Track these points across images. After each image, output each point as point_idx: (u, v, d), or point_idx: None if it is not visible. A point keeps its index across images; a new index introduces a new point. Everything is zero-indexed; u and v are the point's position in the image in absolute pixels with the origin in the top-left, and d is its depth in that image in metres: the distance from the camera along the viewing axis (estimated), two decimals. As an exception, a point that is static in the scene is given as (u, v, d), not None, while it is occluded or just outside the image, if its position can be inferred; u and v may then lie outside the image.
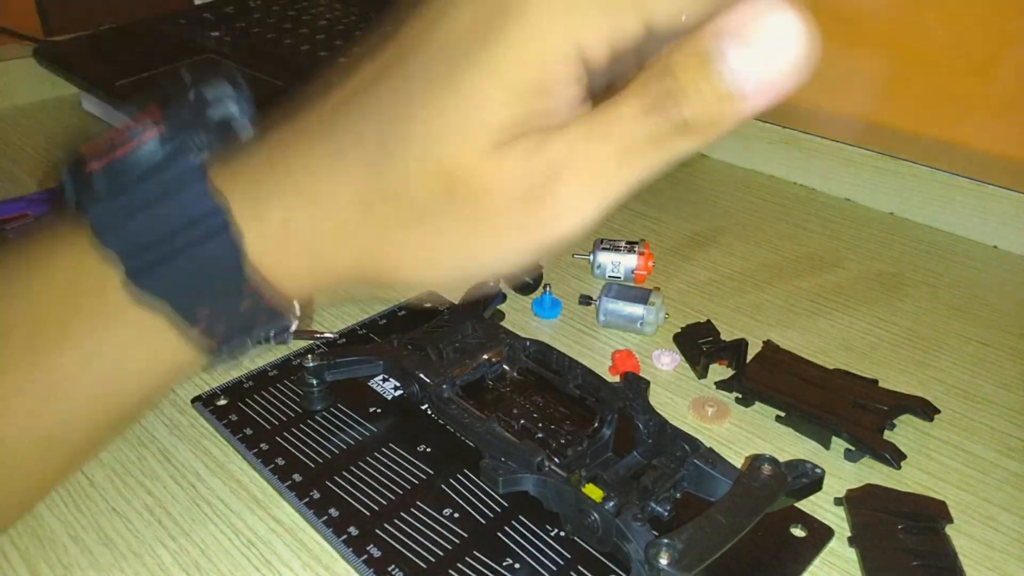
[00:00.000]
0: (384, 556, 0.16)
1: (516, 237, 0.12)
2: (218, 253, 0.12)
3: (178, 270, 0.12)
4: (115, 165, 0.13)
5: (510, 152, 0.11)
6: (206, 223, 0.12)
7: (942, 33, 0.33)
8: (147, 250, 0.12)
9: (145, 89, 0.33)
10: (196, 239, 0.12)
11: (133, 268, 0.12)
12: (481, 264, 0.12)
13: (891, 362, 0.23)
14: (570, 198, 0.11)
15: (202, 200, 0.12)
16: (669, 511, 0.16)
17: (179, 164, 0.13)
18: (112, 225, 0.12)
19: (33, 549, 0.16)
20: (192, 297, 0.13)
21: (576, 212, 0.11)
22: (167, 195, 0.12)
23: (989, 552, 0.17)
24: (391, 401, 0.20)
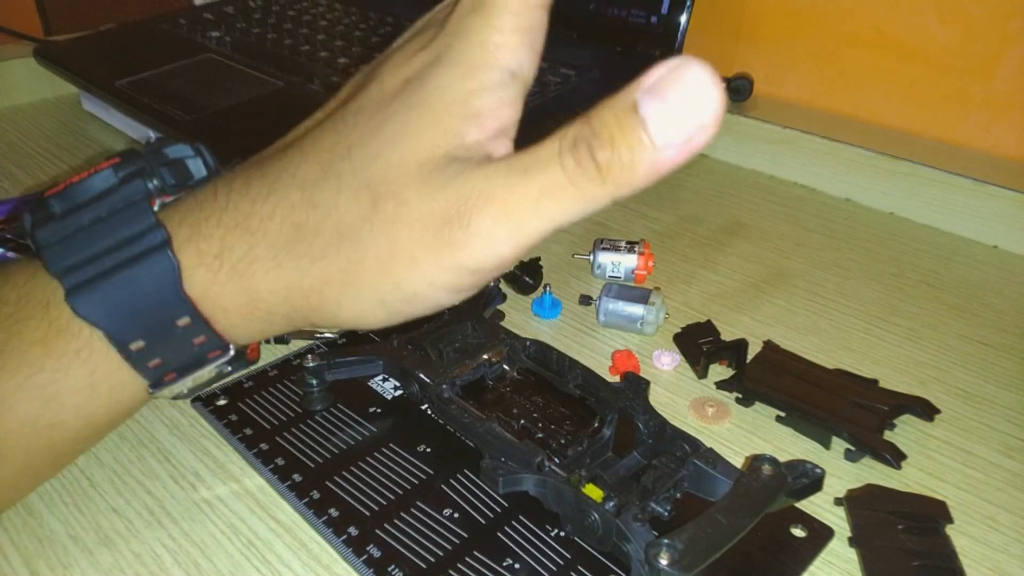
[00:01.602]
0: (384, 556, 0.16)
1: (429, 264, 0.12)
2: (153, 273, 0.13)
3: (115, 286, 0.13)
4: (70, 189, 0.13)
5: (433, 175, 0.12)
6: (144, 242, 0.13)
7: (943, 33, 0.33)
8: (86, 266, 0.13)
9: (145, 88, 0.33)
10: (133, 257, 0.13)
11: (73, 283, 0.13)
12: (399, 292, 0.12)
13: (891, 362, 0.23)
14: (484, 228, 0.12)
15: (143, 220, 0.13)
16: (669, 511, 0.16)
17: (129, 187, 0.13)
18: (58, 242, 0.13)
19: (33, 549, 0.16)
20: (128, 315, 0.13)
21: (489, 242, 0.12)
22: (112, 214, 0.13)
23: (989, 552, 0.17)
24: (391, 401, 0.20)
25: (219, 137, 0.29)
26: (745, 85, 0.36)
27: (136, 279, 0.13)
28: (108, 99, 0.34)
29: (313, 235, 0.13)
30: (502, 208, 0.12)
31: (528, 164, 0.12)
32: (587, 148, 0.11)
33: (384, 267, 0.12)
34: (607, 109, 0.11)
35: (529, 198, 0.11)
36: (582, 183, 0.11)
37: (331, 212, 0.12)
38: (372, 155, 0.12)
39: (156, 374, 0.14)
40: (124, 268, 0.13)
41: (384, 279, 0.12)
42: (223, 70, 0.35)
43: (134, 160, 0.14)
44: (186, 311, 0.13)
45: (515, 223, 0.12)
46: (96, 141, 0.36)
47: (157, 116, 0.31)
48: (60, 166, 0.34)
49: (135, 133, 0.35)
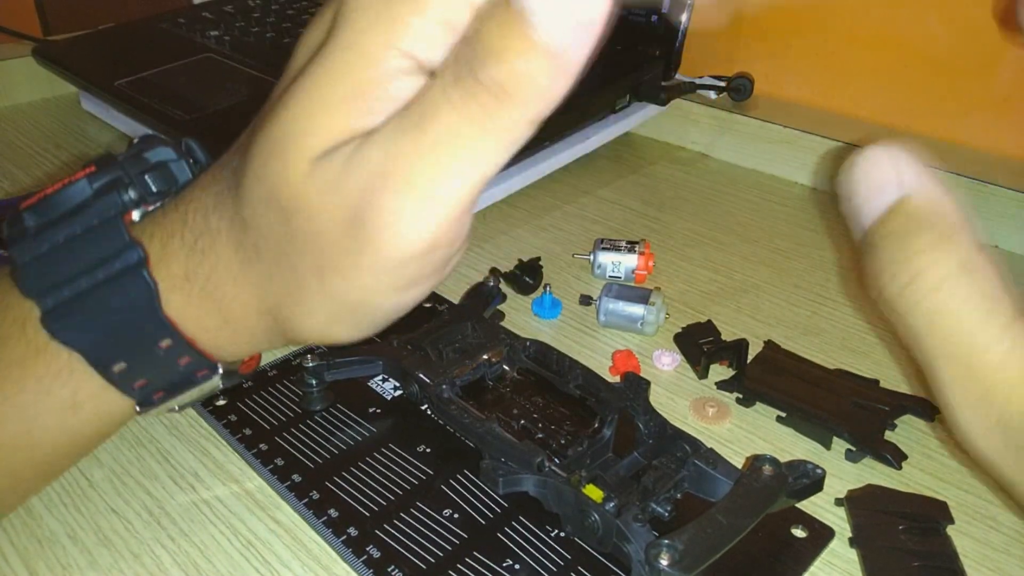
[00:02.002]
0: (384, 557, 0.16)
1: (358, 263, 0.10)
2: (129, 294, 0.12)
3: (91, 309, 0.12)
4: (43, 202, 0.12)
5: (326, 166, 0.10)
6: (118, 262, 0.12)
7: (942, 31, 0.33)
8: (61, 288, 0.12)
9: (144, 88, 0.33)
10: (108, 279, 0.12)
11: (48, 306, 0.12)
12: (348, 300, 0.11)
13: (892, 362, 0.23)
14: (395, 208, 0.10)
15: (117, 238, 0.12)
16: (670, 512, 0.16)
17: (103, 201, 0.12)
18: (32, 261, 0.12)
19: (32, 549, 0.16)
20: (106, 338, 0.12)
21: (404, 226, 0.10)
22: (87, 232, 0.12)
23: (990, 552, 0.17)
24: (391, 401, 0.20)
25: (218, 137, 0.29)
26: (745, 85, 0.36)
27: (113, 301, 0.12)
28: (107, 99, 0.34)
29: (254, 254, 0.11)
30: (404, 179, 0.10)
31: (417, 117, 0.09)
32: (470, 72, 0.09)
33: (321, 277, 0.11)
34: (482, 19, 0.09)
35: (430, 156, 0.09)
36: (482, 116, 0.09)
37: (258, 230, 0.11)
38: (268, 156, 0.11)
39: (143, 393, 0.13)
40: (100, 289, 0.12)
41: (323, 293, 0.11)
42: (222, 69, 0.35)
43: (110, 168, 0.13)
44: (167, 333, 0.12)
45: (423, 192, 0.10)
46: (95, 141, 0.36)
47: (156, 116, 0.31)
48: (59, 166, 0.34)
49: (134, 133, 0.35)
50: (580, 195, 0.32)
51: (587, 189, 0.33)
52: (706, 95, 0.36)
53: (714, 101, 0.36)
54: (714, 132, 0.36)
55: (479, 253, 0.28)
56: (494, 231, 0.29)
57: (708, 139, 0.36)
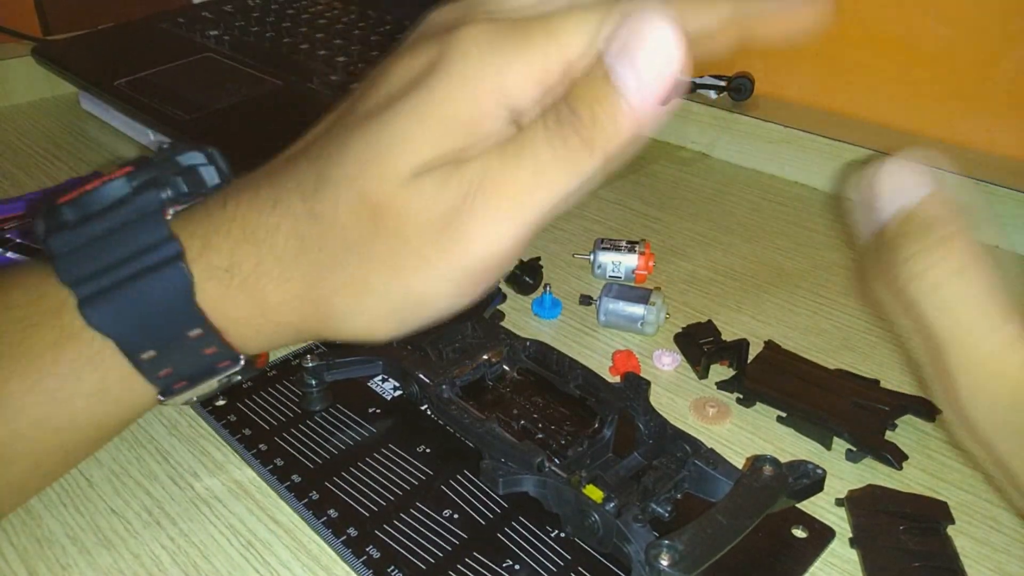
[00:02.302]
0: (383, 557, 0.16)
1: (438, 263, 0.12)
2: (166, 284, 0.13)
3: (127, 298, 0.13)
4: (83, 198, 0.13)
5: (427, 179, 0.12)
6: (158, 254, 0.13)
7: (945, 32, 0.33)
8: (100, 276, 0.13)
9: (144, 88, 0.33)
10: (147, 269, 0.13)
11: (86, 293, 0.13)
12: (410, 297, 0.12)
13: (893, 362, 0.22)
14: (485, 219, 0.12)
15: (157, 231, 0.13)
16: (670, 512, 0.16)
17: (142, 198, 0.13)
18: (72, 251, 0.13)
19: (31, 549, 0.16)
20: (139, 326, 0.13)
21: (492, 233, 0.12)
22: (126, 226, 0.13)
23: (990, 553, 0.17)
24: (390, 401, 0.20)
25: (218, 136, 0.29)
26: (746, 84, 0.36)
27: (149, 291, 0.13)
28: (107, 99, 0.34)
29: (318, 248, 0.13)
30: (501, 197, 0.12)
31: (520, 149, 0.12)
32: (571, 127, 0.11)
33: (394, 273, 0.12)
34: (584, 87, 0.11)
35: (523, 181, 0.12)
36: (572, 158, 0.12)
37: (333, 225, 0.12)
38: (365, 162, 0.12)
39: (166, 382, 0.14)
40: (137, 280, 0.13)
41: (391, 288, 0.12)
42: (222, 69, 0.35)
43: (147, 169, 0.13)
44: (198, 322, 0.13)
45: (515, 210, 0.12)
46: (95, 141, 0.36)
47: (156, 115, 0.31)
48: (59, 166, 0.34)
49: (134, 133, 0.35)
50: (580, 195, 0.32)
51: (587, 189, 0.33)
52: (706, 95, 0.36)
53: (714, 101, 0.36)
54: (714, 132, 0.36)
55: (479, 253, 0.28)
56: (494, 231, 0.29)
57: (708, 139, 0.36)
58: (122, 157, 0.34)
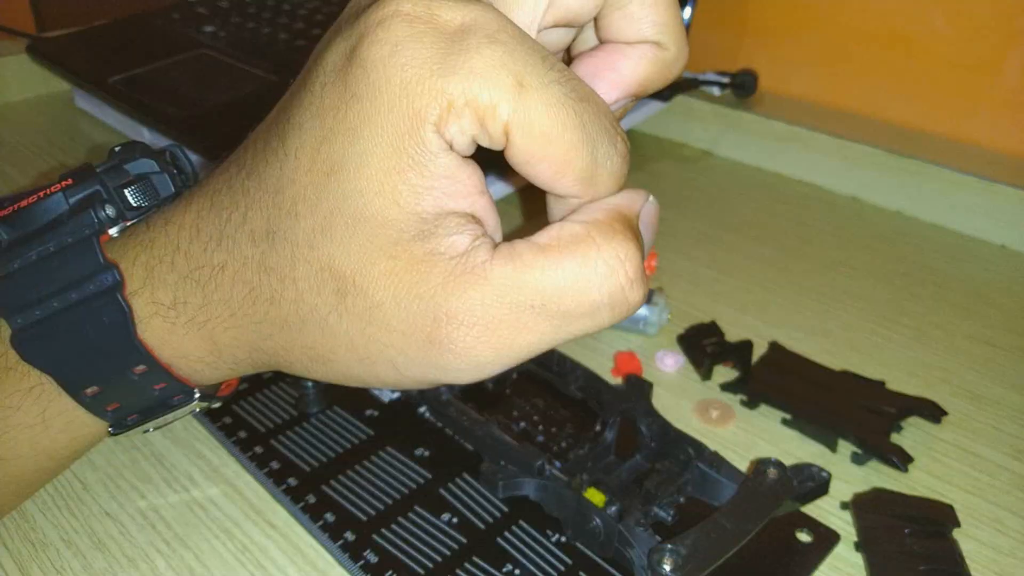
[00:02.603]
0: (381, 562, 0.15)
1: (412, 367, 0.11)
2: (102, 318, 0.11)
3: (62, 331, 0.12)
4: (17, 215, 0.12)
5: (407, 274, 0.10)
6: (93, 284, 0.11)
7: (950, 29, 0.32)
8: (32, 307, 0.12)
9: (138, 85, 0.33)
10: (81, 301, 0.11)
11: (19, 324, 0.12)
12: (379, 380, 0.11)
13: (898, 363, 0.22)
14: (468, 348, 0.10)
15: (91, 259, 0.12)
16: (673, 516, 0.15)
17: (78, 218, 0.12)
18: (4, 277, 0.12)
19: (26, 552, 0.16)
20: (77, 361, 0.12)
21: (474, 361, 0.10)
22: (60, 250, 0.12)
23: (996, 556, 0.16)
24: (388, 404, 0.20)
25: (213, 133, 0.29)
26: (750, 81, 0.36)
27: (84, 324, 0.11)
28: (101, 96, 0.33)
29: (269, 302, 0.11)
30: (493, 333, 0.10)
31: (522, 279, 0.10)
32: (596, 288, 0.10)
33: (361, 361, 0.11)
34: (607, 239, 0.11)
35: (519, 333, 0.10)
36: (575, 317, 0.11)
37: (288, 283, 0.11)
38: (324, 225, 0.10)
39: (116, 416, 0.13)
40: (71, 312, 0.11)
41: (359, 368, 0.11)
42: (217, 66, 0.34)
43: (88, 182, 0.12)
44: (141, 359, 0.12)
45: (502, 347, 0.10)
46: (89, 138, 0.36)
47: (151, 113, 0.31)
48: (53, 164, 0.33)
49: (129, 129, 0.35)
50: (581, 193, 0.32)
51: (588, 187, 0.32)
52: (710, 91, 0.36)
53: (718, 97, 0.36)
54: (718, 129, 0.36)
55: (479, 252, 0.28)
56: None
57: (712, 136, 0.36)
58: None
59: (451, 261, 0.10)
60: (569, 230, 0.11)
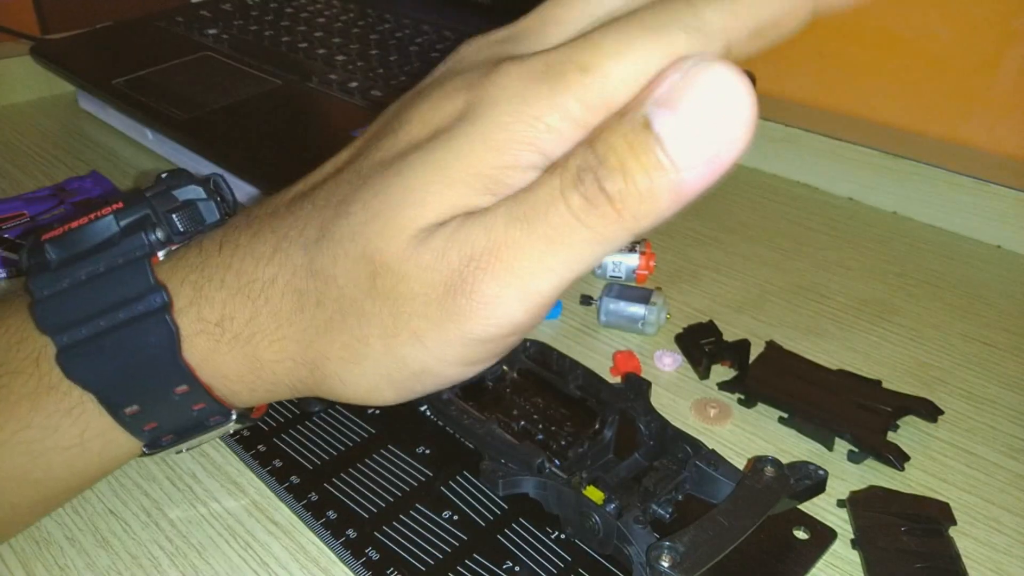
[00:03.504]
0: (382, 559, 0.15)
1: (434, 335, 0.11)
2: (150, 338, 0.12)
3: (108, 350, 0.12)
4: (68, 236, 0.12)
5: (432, 239, 0.10)
6: (142, 304, 0.12)
7: (946, 31, 0.33)
8: (79, 326, 0.12)
9: (142, 87, 0.33)
10: (130, 320, 0.12)
11: (64, 343, 0.12)
12: (407, 367, 0.11)
13: (894, 363, 0.22)
14: (491, 292, 0.10)
15: (142, 280, 0.12)
16: (671, 513, 0.16)
17: (130, 240, 0.12)
18: (51, 296, 0.12)
19: (29, 550, 0.16)
20: (121, 380, 0.12)
21: (498, 309, 0.10)
22: (110, 271, 0.12)
23: (992, 554, 0.16)
24: (390, 402, 0.20)
25: (216, 136, 0.29)
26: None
27: (131, 344, 0.12)
28: (105, 98, 0.34)
29: (315, 306, 0.11)
30: (507, 266, 0.10)
31: (527, 210, 0.10)
32: (594, 180, 0.09)
33: (388, 344, 0.11)
34: (613, 130, 0.09)
35: (535, 251, 0.10)
36: (594, 222, 0.09)
37: (331, 282, 0.11)
38: (371, 217, 0.11)
39: (152, 435, 0.13)
40: (119, 331, 0.12)
41: (389, 356, 0.11)
42: (221, 68, 0.35)
43: (138, 206, 0.12)
44: (184, 379, 0.12)
45: (524, 282, 0.10)
46: (93, 140, 0.36)
47: (154, 115, 0.31)
48: (57, 165, 0.34)
49: (133, 132, 0.35)
50: (580, 194, 0.32)
51: (587, 188, 0.33)
52: (707, 94, 0.36)
53: (715, 100, 0.36)
54: (715, 131, 0.36)
55: (479, 253, 0.28)
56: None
57: (709, 138, 0.36)
58: (120, 156, 0.34)
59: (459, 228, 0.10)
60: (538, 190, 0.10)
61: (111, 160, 0.34)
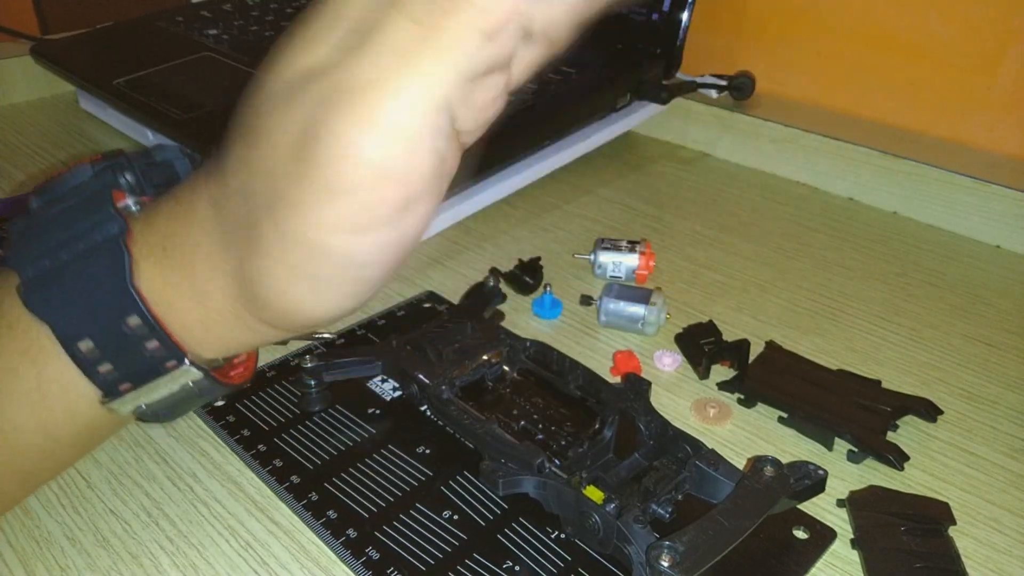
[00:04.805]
0: (383, 559, 0.16)
1: (304, 190, 0.10)
2: (104, 265, 0.12)
3: (66, 278, 0.12)
4: (48, 184, 0.13)
5: (284, 91, 0.09)
6: (99, 232, 0.12)
7: (946, 32, 0.33)
8: (42, 258, 0.12)
9: (142, 87, 0.33)
10: (88, 249, 0.12)
11: (29, 274, 0.12)
12: (304, 247, 0.10)
13: (894, 362, 0.22)
14: (338, 129, 0.09)
15: (102, 210, 0.12)
16: (671, 513, 0.16)
17: (98, 180, 0.13)
18: (23, 237, 0.12)
19: (30, 550, 0.16)
20: (75, 310, 0.12)
21: (350, 144, 0.09)
22: (76, 206, 0.12)
23: (992, 554, 0.16)
24: (390, 402, 0.20)
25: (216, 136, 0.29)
26: (747, 83, 0.36)
27: (86, 272, 0.12)
28: (105, 98, 0.34)
29: (224, 207, 0.11)
30: (350, 96, 0.09)
31: (365, 25, 0.09)
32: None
33: (276, 224, 0.10)
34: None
35: (380, 69, 0.09)
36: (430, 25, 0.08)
37: (229, 176, 0.11)
38: (252, 91, 0.10)
39: (107, 381, 0.13)
40: (78, 261, 0.12)
41: (283, 240, 0.10)
42: (221, 68, 0.35)
43: (114, 159, 0.13)
44: (134, 308, 0.12)
45: (366, 111, 0.09)
46: (93, 140, 0.36)
47: (154, 115, 0.31)
48: (57, 165, 0.34)
49: (133, 132, 0.35)
50: (581, 194, 0.32)
51: (588, 188, 0.33)
52: (707, 94, 0.36)
53: (715, 100, 0.36)
54: (715, 131, 0.36)
55: (479, 253, 0.28)
56: (494, 231, 0.29)
57: (709, 138, 0.36)
58: (121, 156, 0.34)
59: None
60: None
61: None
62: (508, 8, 0.09)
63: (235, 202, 0.11)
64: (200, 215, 0.12)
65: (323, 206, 0.10)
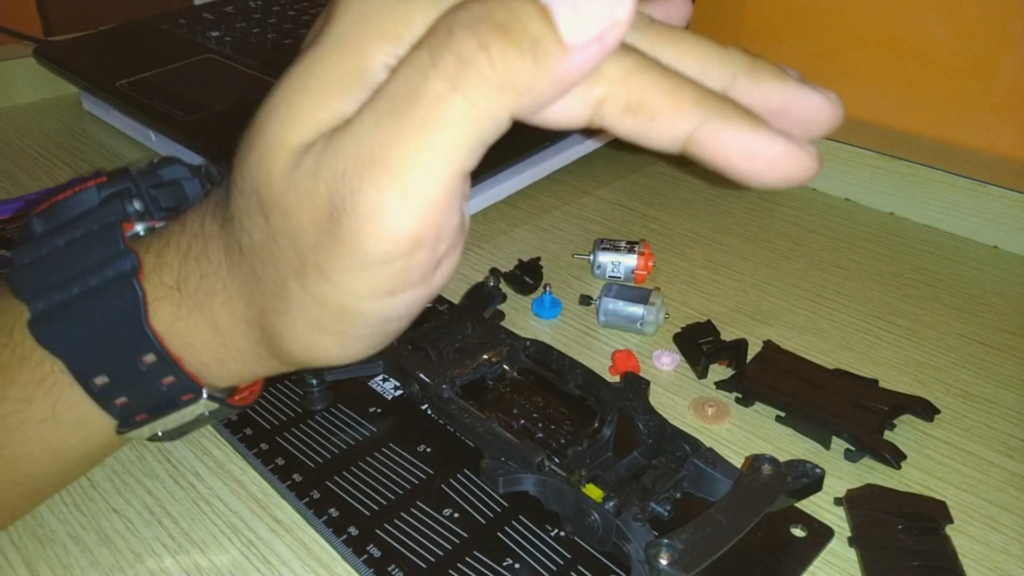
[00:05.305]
0: (384, 556, 0.16)
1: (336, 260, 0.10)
2: (117, 302, 0.12)
3: (78, 315, 0.12)
4: (52, 208, 0.12)
5: (303, 161, 0.10)
6: (112, 269, 0.12)
7: (943, 33, 0.33)
8: (53, 291, 0.12)
9: (145, 88, 0.33)
10: (100, 285, 0.12)
11: (38, 309, 0.12)
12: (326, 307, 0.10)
13: (891, 362, 0.23)
14: (369, 199, 0.09)
15: (113, 244, 0.12)
16: (669, 511, 0.16)
17: (106, 209, 0.12)
18: (31, 264, 0.12)
19: (33, 548, 0.16)
20: (90, 347, 0.12)
21: (383, 219, 0.09)
22: (85, 238, 0.12)
23: (989, 552, 0.17)
24: (391, 401, 0.20)
25: (219, 137, 0.29)
26: (745, 85, 0.36)
27: (99, 308, 0.12)
28: (108, 99, 0.34)
29: (239, 256, 0.11)
30: (382, 169, 0.09)
31: (392, 100, 0.09)
32: (472, 36, 0.08)
33: (302, 284, 0.10)
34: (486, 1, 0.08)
35: (408, 143, 0.09)
36: (469, 86, 0.08)
37: (243, 226, 0.11)
38: (248, 146, 0.10)
39: (123, 413, 0.13)
40: (89, 296, 0.12)
41: (308, 298, 0.10)
42: (223, 70, 0.35)
43: (122, 180, 0.13)
44: (150, 347, 0.12)
45: (403, 182, 0.09)
46: (96, 141, 0.36)
47: (157, 116, 0.31)
48: (60, 166, 0.34)
49: (136, 133, 0.35)
50: (580, 195, 0.32)
51: (587, 189, 0.33)
52: (706, 95, 0.36)
53: (714, 101, 0.36)
54: (714, 132, 0.36)
55: (479, 253, 0.28)
56: (494, 231, 0.29)
57: (708, 139, 0.36)
58: (123, 157, 0.34)
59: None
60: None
61: (114, 162, 0.34)
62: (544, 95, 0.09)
63: (252, 258, 0.11)
64: (215, 262, 0.11)
65: (357, 275, 0.10)
